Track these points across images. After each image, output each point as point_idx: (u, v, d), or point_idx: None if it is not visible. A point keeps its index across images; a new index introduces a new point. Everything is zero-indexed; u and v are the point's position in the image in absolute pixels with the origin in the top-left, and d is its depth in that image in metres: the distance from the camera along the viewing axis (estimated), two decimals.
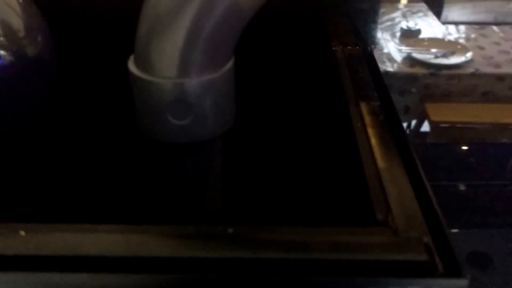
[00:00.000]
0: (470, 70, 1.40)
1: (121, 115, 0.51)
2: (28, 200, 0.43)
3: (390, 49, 1.49)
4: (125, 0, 0.57)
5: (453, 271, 0.32)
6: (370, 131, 0.43)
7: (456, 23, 1.15)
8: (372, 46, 0.54)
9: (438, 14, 0.38)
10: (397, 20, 1.61)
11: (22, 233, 0.35)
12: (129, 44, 0.46)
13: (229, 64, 0.43)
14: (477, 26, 1.45)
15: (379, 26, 1.16)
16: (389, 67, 1.42)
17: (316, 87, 0.55)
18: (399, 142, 0.42)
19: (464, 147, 1.28)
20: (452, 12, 0.37)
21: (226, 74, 0.42)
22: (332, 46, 0.54)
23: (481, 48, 1.48)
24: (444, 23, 0.40)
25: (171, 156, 0.45)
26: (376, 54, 0.94)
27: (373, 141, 0.42)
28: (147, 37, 0.42)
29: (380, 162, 0.40)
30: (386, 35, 1.54)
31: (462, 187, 1.12)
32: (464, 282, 0.31)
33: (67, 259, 0.34)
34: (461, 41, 1.53)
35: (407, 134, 0.43)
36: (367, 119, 0.44)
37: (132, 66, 0.44)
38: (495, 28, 1.54)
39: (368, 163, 0.40)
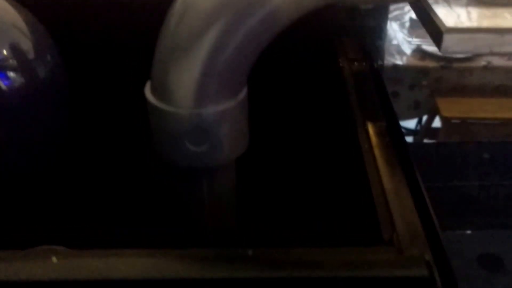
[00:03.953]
0: (482, 63, 1.46)
1: (136, 138, 0.58)
2: (57, 227, 0.50)
3: (399, 40, 1.55)
4: (138, 25, 0.63)
5: (450, 285, 0.39)
6: (377, 152, 0.50)
7: (455, 53, 1.22)
8: (379, 62, 0.61)
9: (438, 45, 0.45)
10: (406, 9, 1.66)
11: (54, 259, 0.42)
12: (139, 64, 0.52)
13: (244, 92, 0.49)
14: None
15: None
16: (398, 60, 1.48)
17: (324, 106, 0.61)
18: (403, 162, 0.49)
19: (477, 145, 1.34)
20: (451, 44, 0.44)
21: (242, 102, 0.49)
22: (339, 62, 0.61)
23: None
24: (444, 53, 0.46)
25: (187, 179, 0.52)
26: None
27: (380, 162, 0.49)
28: (164, 67, 0.49)
29: (386, 183, 0.47)
30: (395, 26, 1.60)
31: (475, 186, 1.18)
32: None
33: (98, 283, 0.41)
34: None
35: (411, 151, 0.50)
36: (374, 140, 0.51)
37: (149, 95, 0.50)
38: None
39: (375, 184, 0.47)
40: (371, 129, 0.53)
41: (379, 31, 0.65)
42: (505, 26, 0.45)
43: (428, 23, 0.48)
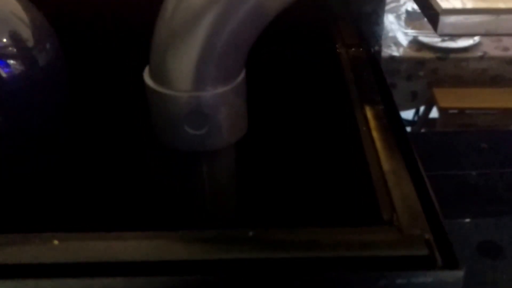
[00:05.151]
0: (478, 53, 1.46)
1: (136, 123, 0.58)
2: (57, 211, 0.50)
3: (396, 32, 1.56)
4: (135, 10, 0.63)
5: (451, 264, 0.39)
6: (375, 134, 0.50)
7: (451, 35, 1.23)
8: (376, 47, 0.61)
9: (434, 27, 0.45)
10: (402, 1, 1.67)
11: (56, 242, 0.42)
12: (134, 47, 0.52)
13: (242, 75, 0.50)
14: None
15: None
16: (395, 52, 1.49)
17: (322, 91, 0.62)
18: (402, 145, 0.50)
19: (474, 134, 1.34)
20: (447, 25, 0.44)
21: (239, 85, 0.49)
22: (337, 48, 0.61)
23: None
24: (440, 35, 0.47)
25: (187, 164, 0.52)
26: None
27: (378, 144, 0.49)
28: (162, 51, 0.49)
29: (385, 165, 0.47)
30: (391, 18, 1.61)
31: (473, 175, 1.19)
32: (460, 273, 0.38)
33: (99, 266, 0.41)
34: None
35: (409, 136, 0.50)
36: (372, 123, 0.51)
37: (147, 79, 0.50)
38: None
39: (374, 166, 0.47)
40: (369, 113, 0.53)
41: (376, 17, 0.66)
42: (500, 7, 0.45)
43: (424, 6, 0.48)
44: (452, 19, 0.44)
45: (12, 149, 0.57)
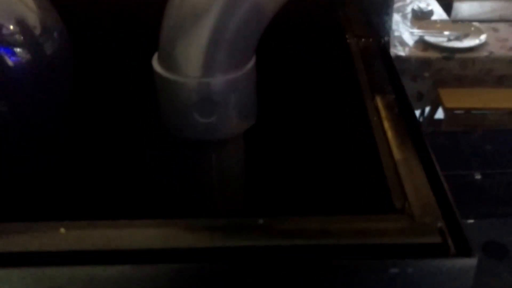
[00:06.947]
0: (484, 53, 1.46)
1: (144, 112, 0.57)
2: (64, 199, 0.50)
3: (402, 32, 1.55)
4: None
5: (464, 251, 0.39)
6: (386, 124, 0.50)
7: (465, 21, 1.21)
8: (386, 38, 0.61)
9: (448, 11, 0.45)
10: (408, 0, 1.67)
11: (63, 230, 0.42)
12: (142, 34, 0.52)
13: (251, 62, 0.50)
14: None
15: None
16: (400, 51, 1.48)
17: (333, 80, 0.62)
18: (413, 134, 0.49)
19: (480, 134, 1.34)
20: (460, 10, 0.44)
21: (249, 72, 0.49)
22: (347, 38, 0.61)
23: (495, 29, 1.53)
24: (454, 20, 0.46)
25: (196, 153, 0.52)
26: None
27: (389, 134, 0.49)
28: (172, 37, 0.49)
29: (397, 154, 0.47)
30: (397, 17, 1.60)
31: (477, 176, 1.19)
32: (473, 261, 0.38)
33: (106, 254, 0.40)
34: (475, 23, 1.58)
35: (421, 125, 0.50)
36: (383, 113, 0.51)
37: (156, 66, 0.50)
38: None
39: (386, 155, 0.47)
40: (379, 102, 0.53)
41: (386, 7, 0.66)
42: None
43: None
44: (466, 3, 0.44)
45: (13, 147, 0.57)
